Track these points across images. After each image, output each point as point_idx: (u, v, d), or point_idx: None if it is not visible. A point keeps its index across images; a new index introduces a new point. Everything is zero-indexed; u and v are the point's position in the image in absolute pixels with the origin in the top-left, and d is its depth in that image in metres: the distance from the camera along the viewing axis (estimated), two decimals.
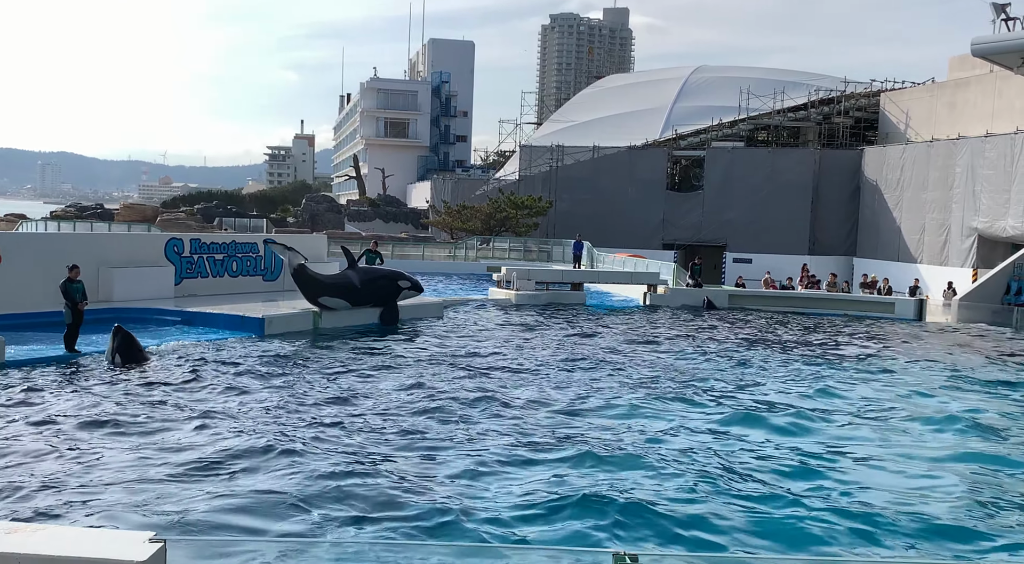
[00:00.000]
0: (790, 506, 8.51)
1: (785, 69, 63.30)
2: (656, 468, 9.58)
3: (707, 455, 10.20)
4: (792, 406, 13.23)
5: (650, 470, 9.51)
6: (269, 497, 8.24)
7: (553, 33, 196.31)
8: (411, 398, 12.84)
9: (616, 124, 54.01)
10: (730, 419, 12.19)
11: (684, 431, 11.42)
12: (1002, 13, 31.60)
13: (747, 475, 9.46)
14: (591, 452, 10.05)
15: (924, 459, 10.49)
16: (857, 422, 12.39)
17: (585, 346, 18.76)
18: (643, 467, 9.61)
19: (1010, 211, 34.36)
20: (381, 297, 21.48)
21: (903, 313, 28.02)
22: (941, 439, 11.60)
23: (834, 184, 46.18)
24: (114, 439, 10.14)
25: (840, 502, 8.68)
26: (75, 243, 22.64)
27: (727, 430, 11.57)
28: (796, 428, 11.86)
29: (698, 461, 9.94)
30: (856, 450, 10.75)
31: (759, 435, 11.39)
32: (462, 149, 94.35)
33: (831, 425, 12.14)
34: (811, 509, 8.42)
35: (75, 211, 64.50)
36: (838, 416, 12.71)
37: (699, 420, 12.11)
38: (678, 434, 11.23)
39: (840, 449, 10.78)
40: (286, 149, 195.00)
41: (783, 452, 10.54)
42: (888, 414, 13.00)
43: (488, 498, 8.50)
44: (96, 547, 4.24)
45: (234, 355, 16.12)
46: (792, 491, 8.99)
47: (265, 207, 79.05)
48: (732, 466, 9.76)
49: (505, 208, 48.44)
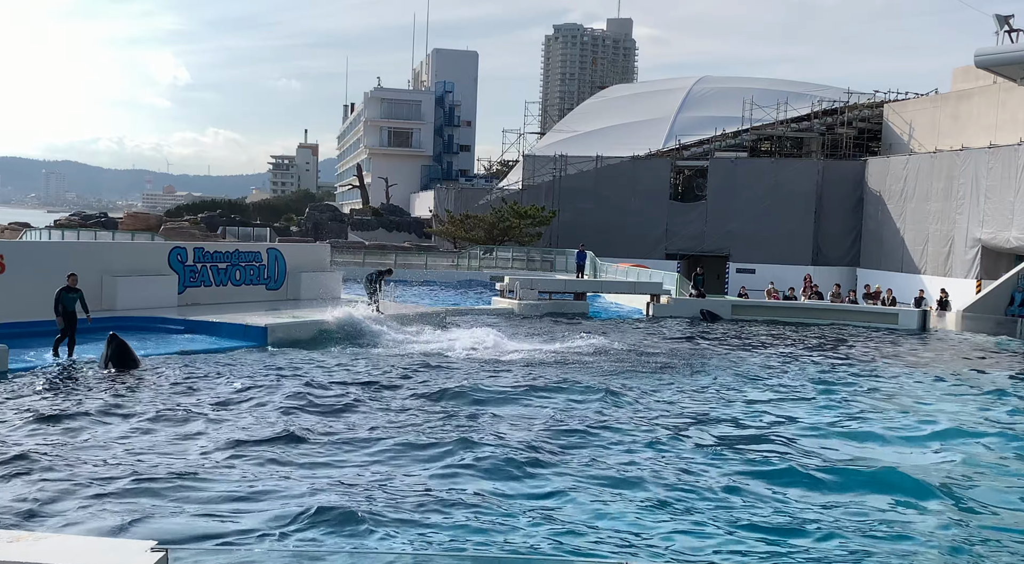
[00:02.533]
0: (798, 524, 8.48)
1: (788, 79, 63.42)
2: (660, 480, 9.54)
3: (713, 468, 10.17)
4: (800, 417, 13.20)
5: (656, 482, 9.48)
6: (272, 504, 8.22)
7: (557, 43, 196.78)
8: (408, 407, 12.82)
9: (619, 134, 54.07)
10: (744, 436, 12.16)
11: (692, 445, 11.38)
12: (1005, 25, 31.68)
13: (752, 491, 9.43)
14: (596, 461, 10.03)
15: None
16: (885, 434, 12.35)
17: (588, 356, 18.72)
18: (648, 480, 9.58)
19: (1014, 222, 34.33)
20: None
21: (907, 324, 27.97)
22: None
23: (837, 195, 46.18)
24: (112, 447, 10.12)
25: (852, 523, 8.64)
26: (79, 252, 22.68)
27: (742, 446, 11.54)
28: (809, 434, 11.83)
29: (705, 475, 9.90)
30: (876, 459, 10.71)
31: (765, 449, 11.35)
32: (465, 159, 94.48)
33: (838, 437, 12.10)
34: (826, 529, 8.38)
35: (79, 220, 64.64)
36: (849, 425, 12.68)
37: (711, 433, 12.08)
38: (687, 447, 11.20)
39: (848, 463, 10.74)
40: (290, 158, 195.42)
41: (785, 461, 10.51)
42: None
43: (493, 507, 8.46)
44: (99, 556, 4.24)
45: (231, 363, 16.09)
46: (805, 513, 8.96)
47: (269, 216, 79.21)
48: (736, 481, 9.73)
49: (508, 218, 48.46)
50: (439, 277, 41.19)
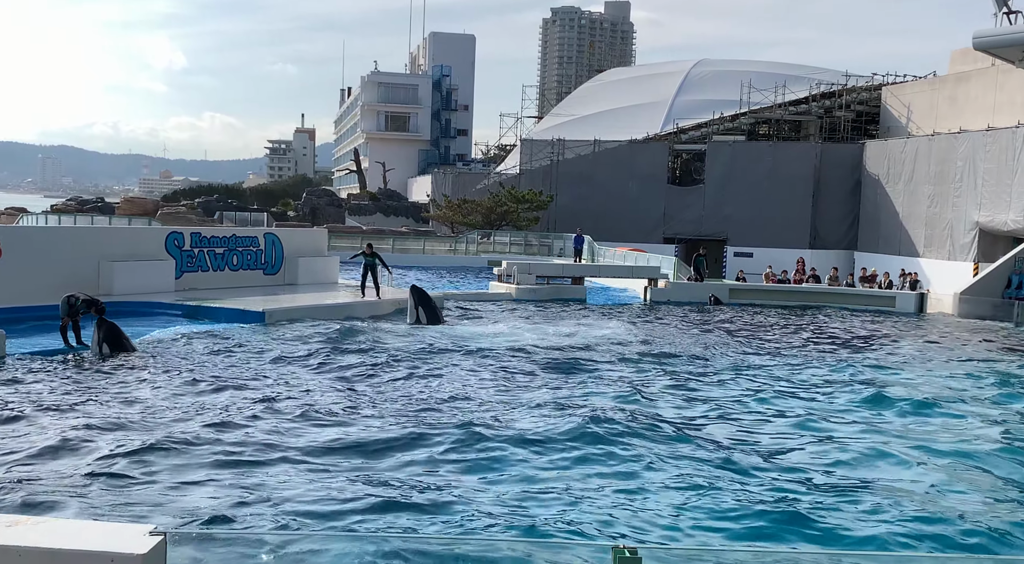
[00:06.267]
0: (795, 501, 8.51)
1: (786, 62, 63.13)
2: (656, 461, 9.57)
3: (709, 450, 10.20)
4: (793, 405, 13.24)
5: (651, 463, 9.51)
6: (271, 488, 8.24)
7: (554, 27, 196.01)
8: (408, 391, 12.84)
9: (617, 118, 53.90)
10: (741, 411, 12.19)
11: (687, 425, 11.41)
12: (1004, 7, 31.47)
13: (749, 469, 9.46)
14: (592, 440, 10.06)
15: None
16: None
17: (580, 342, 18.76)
18: (642, 460, 9.61)
19: (1011, 205, 34.31)
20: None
21: (904, 307, 28.04)
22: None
23: (835, 178, 46.10)
24: (108, 431, 10.13)
25: (844, 494, 8.68)
26: (76, 237, 22.64)
27: (738, 426, 11.58)
28: (802, 423, 11.87)
29: (698, 456, 9.93)
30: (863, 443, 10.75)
31: (766, 428, 11.39)
32: (463, 143, 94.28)
33: (830, 415, 12.14)
34: (819, 503, 8.41)
35: (76, 205, 64.53)
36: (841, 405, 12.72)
37: (704, 414, 12.11)
38: (681, 427, 11.23)
39: (845, 443, 10.78)
40: (287, 143, 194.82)
41: (786, 446, 10.54)
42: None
43: (487, 490, 8.49)
44: (97, 540, 4.24)
45: (226, 346, 16.09)
46: (797, 487, 8.99)
47: (266, 201, 79.04)
48: (734, 460, 9.76)
49: (506, 202, 48.40)
50: (436, 262, 41.18)
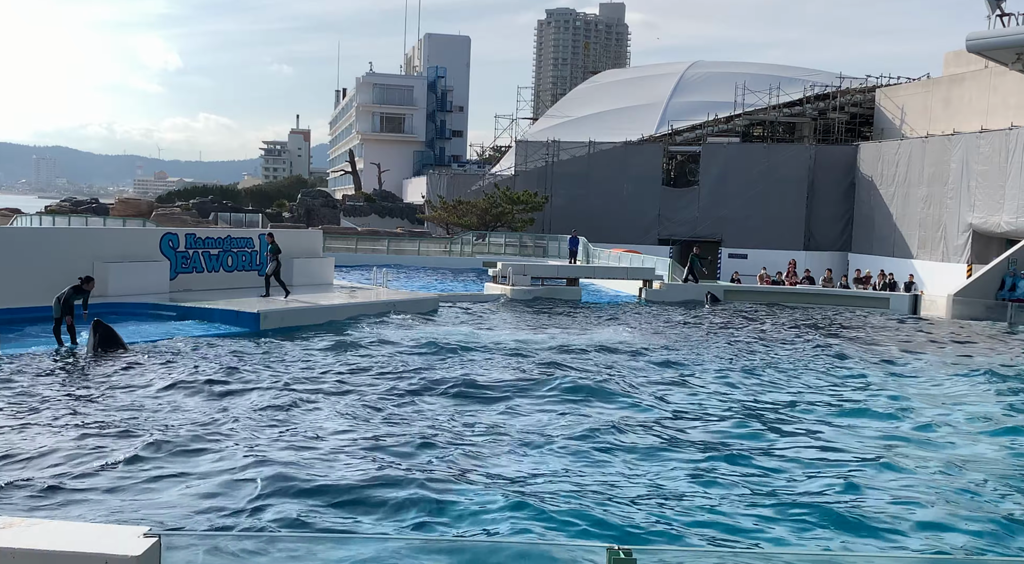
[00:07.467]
0: (792, 502, 8.53)
1: (780, 64, 63.35)
2: (653, 462, 9.59)
3: (705, 451, 10.22)
4: (786, 398, 13.27)
5: (647, 464, 9.53)
6: (267, 489, 8.23)
7: (549, 28, 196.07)
8: (403, 391, 12.84)
9: (612, 119, 53.94)
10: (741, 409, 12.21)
11: (684, 426, 11.44)
12: (997, 9, 31.57)
13: (744, 470, 9.48)
14: (587, 440, 10.07)
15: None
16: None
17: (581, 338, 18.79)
18: (638, 461, 9.62)
19: (1004, 207, 34.42)
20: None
21: (898, 308, 28.11)
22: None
23: (829, 179, 46.19)
24: (101, 432, 10.12)
25: (839, 498, 8.70)
26: (70, 238, 22.59)
27: (733, 425, 11.60)
28: (798, 424, 11.90)
29: (694, 457, 9.95)
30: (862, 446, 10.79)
31: (759, 429, 11.42)
32: (458, 144, 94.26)
33: (827, 419, 12.18)
34: (816, 504, 8.44)
35: (70, 205, 64.31)
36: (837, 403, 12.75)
37: (698, 416, 12.13)
38: (675, 429, 11.25)
39: (841, 446, 10.82)
40: (282, 144, 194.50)
41: (783, 447, 10.57)
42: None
43: (483, 491, 8.50)
44: (91, 542, 4.24)
45: (221, 348, 16.07)
46: (794, 488, 9.01)
47: (261, 202, 78.94)
48: (730, 461, 9.78)
49: (501, 203, 48.41)
50: (431, 263, 41.20)
